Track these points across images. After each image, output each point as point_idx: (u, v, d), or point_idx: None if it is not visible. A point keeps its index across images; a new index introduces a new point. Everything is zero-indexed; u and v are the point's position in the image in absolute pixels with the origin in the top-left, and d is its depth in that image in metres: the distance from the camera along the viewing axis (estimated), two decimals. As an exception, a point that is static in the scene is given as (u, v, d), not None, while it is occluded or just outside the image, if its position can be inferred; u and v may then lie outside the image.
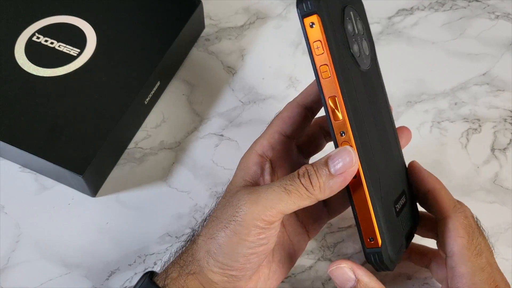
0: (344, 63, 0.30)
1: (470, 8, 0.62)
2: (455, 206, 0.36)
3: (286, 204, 0.31)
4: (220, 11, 0.61)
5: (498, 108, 0.55)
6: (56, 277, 0.46)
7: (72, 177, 0.47)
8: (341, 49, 0.30)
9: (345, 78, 0.30)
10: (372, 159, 0.33)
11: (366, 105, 0.33)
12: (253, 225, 0.32)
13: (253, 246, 0.32)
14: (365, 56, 0.33)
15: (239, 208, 0.32)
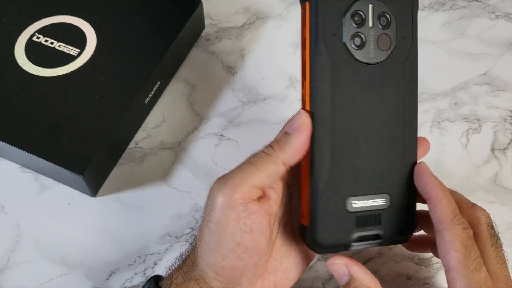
0: (324, 48, 0.32)
1: (470, 8, 0.62)
2: (454, 217, 0.33)
3: (253, 176, 0.31)
4: (220, 11, 0.61)
5: (498, 108, 0.55)
6: (56, 277, 0.46)
7: (72, 177, 0.47)
8: (327, 37, 0.32)
9: (318, 60, 0.32)
10: (331, 141, 0.33)
11: (353, 94, 0.33)
12: (228, 208, 0.31)
13: (236, 234, 0.31)
14: (375, 50, 0.33)
15: (213, 196, 0.32)
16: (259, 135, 0.54)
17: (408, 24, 0.34)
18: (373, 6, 0.33)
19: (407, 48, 0.34)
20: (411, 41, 0.35)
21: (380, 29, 0.33)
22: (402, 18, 0.34)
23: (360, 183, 0.34)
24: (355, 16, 0.33)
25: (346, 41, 0.32)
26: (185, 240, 0.48)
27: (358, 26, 0.33)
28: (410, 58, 0.35)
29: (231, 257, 0.31)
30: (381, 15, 0.33)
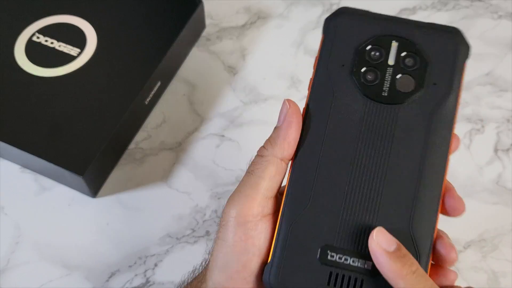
0: (327, 77, 0.30)
1: (473, 8, 0.62)
2: None
3: (258, 186, 0.29)
4: (221, 11, 0.61)
5: (501, 109, 0.55)
6: (56, 278, 0.46)
7: (73, 178, 0.46)
8: (333, 66, 0.30)
9: (318, 88, 0.30)
10: (313, 175, 0.29)
11: (352, 130, 0.29)
12: (237, 226, 0.29)
13: (242, 255, 0.29)
14: (391, 90, 0.30)
15: (223, 213, 0.30)
16: (260, 136, 0.53)
17: (446, 71, 0.30)
18: (398, 44, 0.30)
19: (438, 96, 0.30)
20: (447, 90, 0.30)
21: (403, 69, 0.30)
22: (439, 64, 0.30)
23: (344, 233, 0.28)
24: (372, 51, 0.30)
25: (355, 74, 0.30)
26: (186, 241, 0.48)
27: (374, 61, 0.30)
28: (442, 109, 0.29)
29: (236, 279, 0.29)
30: (408, 55, 0.30)
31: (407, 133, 0.29)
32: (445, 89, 0.30)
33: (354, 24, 0.31)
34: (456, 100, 0.30)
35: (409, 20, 0.31)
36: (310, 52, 0.58)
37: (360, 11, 0.31)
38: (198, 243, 0.48)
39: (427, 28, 0.31)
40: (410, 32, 0.31)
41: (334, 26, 0.31)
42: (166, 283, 0.46)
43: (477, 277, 0.46)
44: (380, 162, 0.29)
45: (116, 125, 0.48)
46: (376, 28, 0.31)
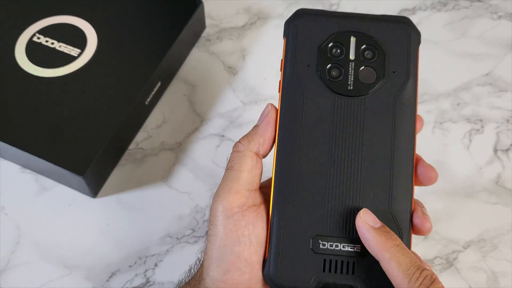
0: (295, 79, 0.32)
1: (473, 8, 0.62)
2: (411, 280, 0.28)
3: (238, 179, 0.31)
4: (221, 11, 0.61)
5: (500, 109, 0.55)
6: (56, 278, 0.46)
7: (73, 178, 0.46)
8: (300, 67, 0.32)
9: (288, 90, 0.32)
10: (296, 170, 0.31)
11: (325, 125, 0.31)
12: (225, 218, 0.30)
13: (235, 246, 0.30)
14: (356, 83, 0.32)
15: (211, 211, 0.31)
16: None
17: (403, 59, 0.32)
18: (356, 39, 0.32)
19: (399, 83, 0.32)
20: (405, 76, 0.32)
21: (364, 62, 0.32)
22: (395, 52, 0.33)
23: (332, 222, 0.30)
24: (334, 48, 0.32)
25: (320, 72, 0.32)
26: (186, 241, 0.48)
27: (336, 58, 0.32)
28: (404, 94, 0.32)
29: (232, 271, 0.30)
30: (366, 48, 0.32)
31: (376, 120, 0.32)
32: (404, 76, 0.32)
33: (313, 24, 0.33)
34: (415, 84, 0.32)
35: (363, 15, 0.33)
36: (310, 52, 0.58)
37: (317, 11, 0.33)
38: (198, 243, 0.48)
39: (380, 20, 0.33)
40: (365, 26, 0.33)
41: (294, 28, 0.33)
42: (166, 283, 0.46)
43: (476, 277, 0.46)
44: (355, 151, 0.31)
45: (116, 125, 0.48)
46: (334, 26, 0.33)
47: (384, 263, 0.28)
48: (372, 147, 0.31)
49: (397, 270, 0.28)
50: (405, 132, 0.32)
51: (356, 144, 0.31)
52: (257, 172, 0.32)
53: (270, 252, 0.30)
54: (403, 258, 0.28)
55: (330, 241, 0.30)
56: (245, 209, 0.30)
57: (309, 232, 0.30)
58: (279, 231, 0.30)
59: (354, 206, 0.31)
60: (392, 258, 0.28)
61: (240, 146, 0.32)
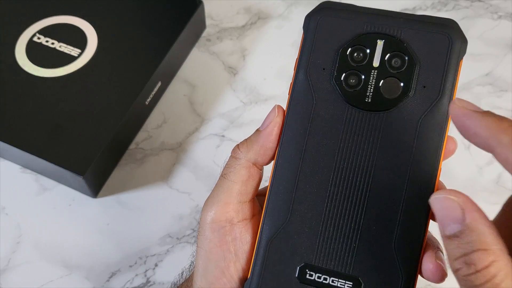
0: (306, 83, 0.28)
1: (473, 8, 0.62)
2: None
3: (230, 191, 0.28)
4: (222, 11, 0.61)
5: (501, 109, 0.55)
6: (56, 278, 0.46)
7: (73, 178, 0.46)
8: (314, 70, 0.28)
9: (297, 95, 0.28)
10: (292, 187, 0.27)
11: (333, 140, 0.27)
12: (211, 232, 0.28)
13: (220, 261, 0.28)
14: (376, 95, 0.27)
15: (200, 220, 0.29)
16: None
17: (438, 72, 0.27)
18: (383, 43, 0.27)
19: (428, 101, 0.27)
20: (437, 94, 0.27)
21: (389, 71, 0.27)
22: (430, 63, 0.27)
23: (324, 251, 0.26)
24: (356, 51, 0.27)
25: (336, 78, 0.27)
26: (186, 241, 0.48)
27: (357, 64, 0.27)
28: (432, 115, 0.27)
29: (217, 285, 0.28)
30: (395, 54, 0.27)
31: (393, 143, 0.27)
32: (436, 93, 0.27)
33: (336, 21, 0.28)
34: (449, 104, 0.26)
35: (397, 14, 0.28)
36: (310, 52, 0.58)
37: (343, 6, 0.28)
38: (199, 243, 0.48)
39: (418, 22, 0.27)
40: (398, 28, 0.27)
41: (314, 24, 0.28)
42: (167, 283, 0.46)
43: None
44: (363, 175, 0.26)
45: (117, 125, 0.48)
46: (359, 26, 0.28)
47: (501, 150, 0.21)
48: (384, 173, 0.26)
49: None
50: (426, 161, 0.26)
51: (366, 167, 0.27)
52: (253, 183, 0.29)
53: (253, 272, 0.27)
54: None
55: (319, 273, 0.26)
56: (234, 223, 0.28)
57: (297, 259, 0.27)
58: (265, 252, 0.27)
59: (352, 237, 0.26)
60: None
61: (238, 153, 0.28)
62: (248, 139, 0.29)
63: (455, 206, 0.22)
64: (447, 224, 0.22)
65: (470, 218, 0.21)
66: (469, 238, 0.21)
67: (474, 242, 0.21)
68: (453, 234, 0.22)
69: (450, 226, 0.22)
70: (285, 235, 0.27)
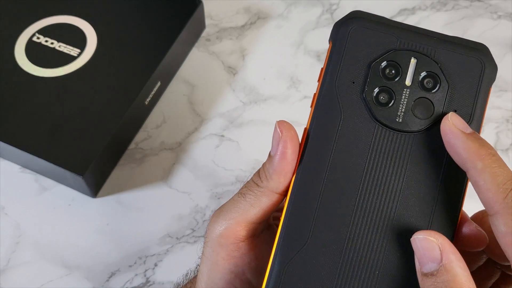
0: (333, 96, 0.26)
1: (472, 8, 0.62)
2: (508, 195, 0.23)
3: (245, 212, 0.27)
4: (221, 11, 0.61)
5: (500, 109, 0.55)
6: (56, 278, 0.46)
7: (73, 178, 0.46)
8: (342, 83, 0.26)
9: (326, 111, 0.26)
10: (311, 211, 0.25)
11: (359, 160, 0.26)
12: (219, 246, 0.27)
13: (226, 274, 0.28)
14: (407, 115, 0.26)
15: (208, 230, 0.28)
16: (260, 136, 0.54)
17: (469, 96, 0.26)
18: (417, 62, 0.26)
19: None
20: (468, 118, 0.26)
21: (421, 91, 0.26)
22: (461, 87, 0.26)
23: (345, 279, 0.25)
24: (388, 67, 0.26)
25: (366, 94, 0.26)
26: (186, 241, 0.48)
27: (389, 80, 0.26)
28: None
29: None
30: (428, 75, 0.26)
31: (422, 166, 0.26)
32: (467, 118, 0.26)
33: (368, 33, 0.27)
34: (478, 131, 0.26)
35: (431, 32, 0.27)
36: (310, 52, 0.58)
37: (376, 17, 0.27)
38: (198, 243, 0.48)
39: (450, 43, 0.27)
40: (431, 48, 0.26)
41: (344, 34, 0.27)
42: (166, 283, 0.46)
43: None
44: (389, 198, 0.25)
45: (116, 125, 0.48)
46: (393, 40, 0.27)
47: (473, 173, 0.23)
48: (411, 197, 0.25)
49: (491, 183, 0.23)
50: (453, 189, 0.26)
51: (392, 190, 0.25)
52: (272, 209, 0.27)
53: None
54: (499, 170, 0.23)
55: None
56: (243, 240, 0.28)
57: (315, 285, 0.25)
58: (280, 278, 0.25)
59: (374, 264, 0.25)
60: (486, 169, 0.23)
61: (259, 182, 0.27)
62: (265, 168, 0.27)
63: (434, 246, 0.24)
64: (425, 262, 0.24)
65: (447, 259, 0.23)
66: (444, 278, 0.23)
67: (448, 281, 0.23)
68: (430, 273, 0.23)
69: (428, 264, 0.24)
70: (303, 260, 0.25)
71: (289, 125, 0.26)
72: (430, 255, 0.23)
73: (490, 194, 0.23)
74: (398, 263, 0.25)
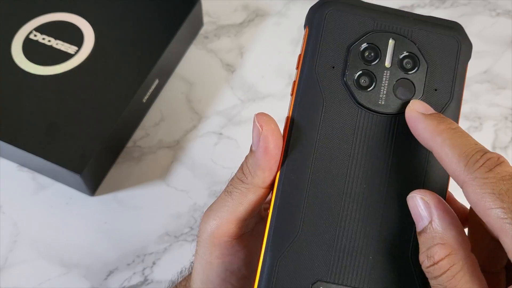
0: (314, 83, 0.26)
1: (471, 5, 0.62)
2: (469, 161, 0.22)
3: (234, 209, 0.26)
4: (219, 8, 0.61)
5: (499, 106, 0.55)
6: (54, 277, 0.46)
7: (70, 176, 0.46)
8: (322, 69, 0.26)
9: (307, 98, 0.26)
10: (300, 198, 0.25)
11: (344, 145, 0.25)
12: (212, 245, 0.27)
13: (221, 273, 0.28)
14: (389, 97, 0.26)
15: (199, 230, 0.28)
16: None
17: (448, 75, 0.26)
18: (395, 43, 0.26)
19: (440, 104, 0.26)
20: (449, 97, 0.26)
21: (401, 72, 0.26)
22: (440, 66, 0.26)
23: (339, 266, 0.25)
24: (367, 50, 0.26)
25: (347, 78, 0.26)
26: (184, 239, 0.48)
27: (368, 63, 0.26)
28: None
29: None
30: (407, 56, 0.26)
31: (407, 147, 0.25)
32: (447, 96, 0.26)
33: (345, 16, 0.26)
34: (459, 108, 0.26)
35: (406, 13, 0.27)
36: (308, 50, 0.58)
37: (351, 0, 0.27)
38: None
39: (427, 23, 0.27)
40: (408, 28, 0.26)
41: (320, 18, 0.26)
42: (164, 281, 0.46)
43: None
44: (377, 182, 0.25)
45: (114, 123, 0.47)
46: (370, 23, 0.26)
47: (436, 150, 0.23)
48: (399, 179, 0.25)
49: (452, 154, 0.22)
50: (440, 167, 0.25)
51: (380, 173, 0.25)
52: (261, 203, 0.27)
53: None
54: (459, 140, 0.22)
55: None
56: (235, 237, 0.27)
57: (309, 276, 0.24)
58: (273, 272, 0.24)
59: (368, 249, 0.25)
60: (445, 142, 0.22)
61: (244, 178, 0.27)
62: (248, 164, 0.26)
63: (424, 203, 0.23)
64: (418, 220, 0.23)
65: (435, 216, 0.23)
66: (432, 233, 0.23)
67: (435, 237, 0.22)
68: (422, 230, 0.23)
69: (420, 222, 0.23)
70: (295, 251, 0.25)
71: (268, 118, 0.25)
72: (421, 212, 0.23)
73: (453, 165, 0.22)
74: (391, 248, 0.25)
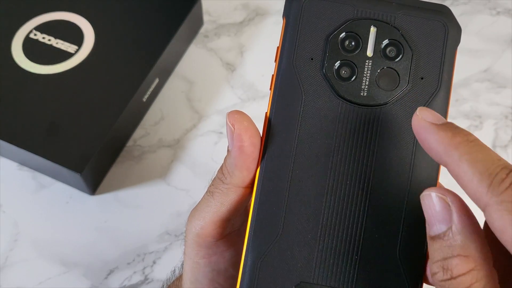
0: (292, 75, 0.25)
1: (471, 4, 0.62)
2: (492, 183, 0.19)
3: (216, 210, 0.26)
4: (219, 7, 0.61)
5: (499, 105, 0.55)
6: (54, 276, 0.46)
7: (71, 175, 0.46)
8: (300, 61, 0.25)
9: (286, 92, 0.25)
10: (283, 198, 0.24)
11: (325, 141, 0.24)
12: (197, 246, 0.27)
13: (208, 273, 0.27)
14: (371, 88, 0.25)
15: (185, 231, 0.28)
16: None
17: (435, 62, 0.25)
18: (377, 30, 0.25)
19: (427, 93, 0.24)
20: (436, 85, 0.24)
21: (384, 61, 0.25)
22: (426, 52, 0.25)
23: (323, 267, 0.23)
24: (347, 39, 0.25)
25: (326, 69, 0.24)
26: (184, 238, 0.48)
27: (349, 53, 0.25)
28: (432, 108, 0.24)
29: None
30: (390, 43, 0.25)
31: (392, 140, 0.24)
32: (434, 85, 0.25)
33: (323, 5, 0.25)
34: (447, 97, 0.25)
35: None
36: (308, 48, 0.58)
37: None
38: (197, 240, 0.48)
39: (411, 7, 0.25)
40: (391, 14, 0.25)
41: (297, 8, 0.26)
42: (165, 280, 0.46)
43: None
44: (361, 178, 0.24)
45: (114, 122, 0.47)
46: (349, 10, 0.25)
47: (452, 167, 0.20)
48: (384, 175, 0.24)
49: (471, 172, 0.19)
50: (428, 160, 0.24)
51: (364, 170, 0.24)
52: (243, 202, 0.26)
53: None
54: (480, 155, 0.19)
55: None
56: (220, 238, 0.27)
57: (292, 277, 0.23)
58: (254, 272, 0.23)
59: (353, 248, 0.24)
60: (463, 157, 0.19)
61: (223, 177, 0.26)
62: (227, 164, 0.25)
63: (443, 205, 0.20)
64: (433, 223, 0.20)
65: (457, 221, 0.20)
66: (451, 242, 0.20)
67: (456, 246, 0.19)
68: (437, 235, 0.20)
69: (435, 226, 0.20)
70: (277, 252, 0.24)
71: (241, 116, 0.24)
72: (439, 214, 0.20)
73: (474, 186, 0.19)
74: (377, 246, 0.23)
